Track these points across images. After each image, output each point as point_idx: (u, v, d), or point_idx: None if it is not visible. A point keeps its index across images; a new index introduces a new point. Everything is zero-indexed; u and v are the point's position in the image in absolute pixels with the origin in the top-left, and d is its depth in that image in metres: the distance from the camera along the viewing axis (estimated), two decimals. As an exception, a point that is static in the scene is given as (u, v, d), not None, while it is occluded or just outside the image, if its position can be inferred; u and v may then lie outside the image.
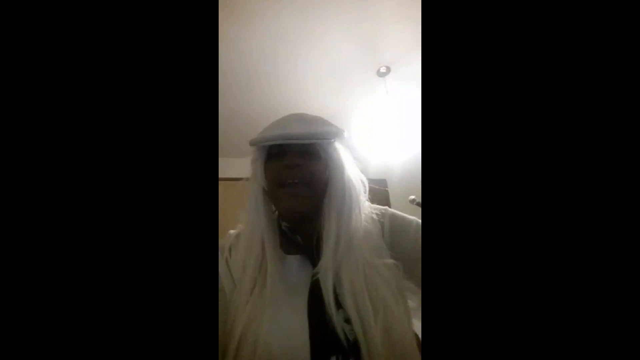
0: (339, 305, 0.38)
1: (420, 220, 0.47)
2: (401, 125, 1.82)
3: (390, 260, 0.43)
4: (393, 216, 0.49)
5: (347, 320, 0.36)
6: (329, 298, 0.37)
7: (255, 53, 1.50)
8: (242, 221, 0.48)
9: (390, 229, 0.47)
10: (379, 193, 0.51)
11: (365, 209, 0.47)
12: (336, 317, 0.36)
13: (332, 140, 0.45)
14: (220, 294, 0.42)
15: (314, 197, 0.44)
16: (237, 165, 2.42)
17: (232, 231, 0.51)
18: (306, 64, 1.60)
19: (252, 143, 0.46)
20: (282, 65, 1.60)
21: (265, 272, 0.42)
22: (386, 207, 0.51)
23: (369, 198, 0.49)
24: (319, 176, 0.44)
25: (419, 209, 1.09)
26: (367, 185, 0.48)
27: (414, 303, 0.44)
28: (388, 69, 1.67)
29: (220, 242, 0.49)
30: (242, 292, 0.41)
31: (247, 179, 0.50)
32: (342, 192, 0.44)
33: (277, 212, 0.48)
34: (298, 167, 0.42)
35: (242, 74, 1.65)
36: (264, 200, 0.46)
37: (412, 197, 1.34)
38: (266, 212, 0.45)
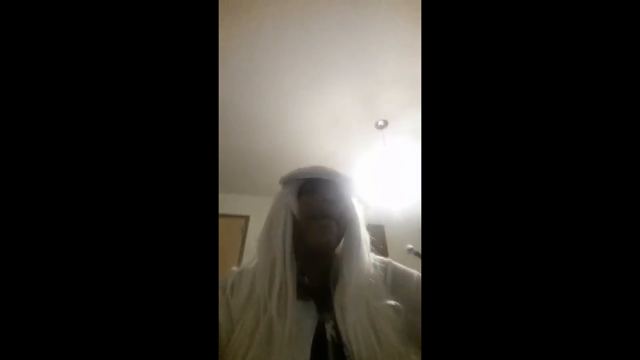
0: (342, 357, 0.37)
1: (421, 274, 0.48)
2: (398, 175, 1.90)
3: (392, 302, 0.42)
4: (395, 268, 0.50)
5: None
6: (351, 348, 0.37)
7: (261, 99, 1.64)
8: (258, 251, 0.48)
9: (393, 279, 0.48)
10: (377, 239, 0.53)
11: (371, 256, 0.50)
12: None
13: (350, 185, 0.51)
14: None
15: (340, 235, 0.47)
16: (235, 201, 2.42)
17: (234, 268, 0.50)
18: (308, 115, 1.74)
19: (289, 178, 0.50)
20: (285, 116, 1.74)
21: (278, 302, 0.40)
22: (390, 260, 0.52)
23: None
24: (344, 216, 0.47)
25: (416, 259, 1.08)
26: (368, 236, 0.51)
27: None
28: (386, 123, 1.80)
29: (222, 278, 0.48)
30: (246, 328, 0.39)
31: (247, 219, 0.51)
32: (359, 238, 0.47)
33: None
34: (333, 202, 0.46)
35: (249, 117, 1.77)
36: (292, 233, 0.46)
37: (410, 246, 1.34)
38: (291, 243, 0.45)
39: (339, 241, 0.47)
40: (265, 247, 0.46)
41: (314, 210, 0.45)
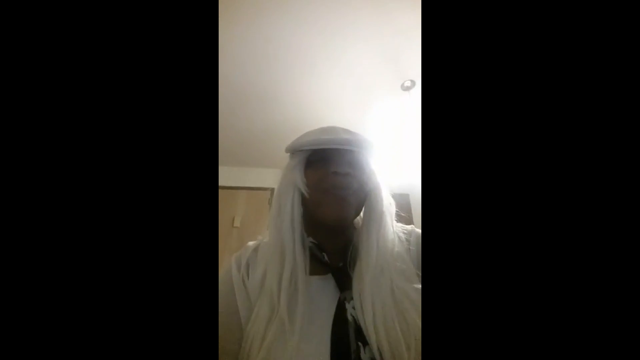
0: (364, 340, 0.34)
1: None
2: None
3: (420, 285, 0.39)
4: (420, 237, 0.46)
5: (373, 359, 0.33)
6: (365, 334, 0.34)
7: (282, 69, 1.57)
8: (269, 229, 0.44)
9: (417, 249, 0.44)
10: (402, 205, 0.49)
11: (395, 227, 0.45)
12: (363, 356, 0.33)
13: (372, 150, 0.45)
14: (234, 318, 0.38)
15: (358, 206, 0.42)
16: (263, 174, 2.49)
17: (250, 243, 0.47)
18: (330, 79, 1.64)
19: (293, 149, 0.45)
20: (307, 81, 1.66)
21: (288, 294, 0.37)
22: (412, 227, 0.48)
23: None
24: (363, 187, 0.42)
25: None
26: (394, 205, 0.45)
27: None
28: (413, 83, 1.66)
29: (237, 254, 0.46)
30: (261, 317, 0.36)
31: (271, 189, 0.49)
32: (381, 208, 0.42)
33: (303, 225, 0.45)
34: (348, 175, 0.41)
35: (271, 89, 1.72)
36: (299, 208, 0.42)
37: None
38: (300, 222, 0.42)
39: (358, 213, 0.43)
40: (276, 227, 0.42)
41: (324, 184, 0.40)
